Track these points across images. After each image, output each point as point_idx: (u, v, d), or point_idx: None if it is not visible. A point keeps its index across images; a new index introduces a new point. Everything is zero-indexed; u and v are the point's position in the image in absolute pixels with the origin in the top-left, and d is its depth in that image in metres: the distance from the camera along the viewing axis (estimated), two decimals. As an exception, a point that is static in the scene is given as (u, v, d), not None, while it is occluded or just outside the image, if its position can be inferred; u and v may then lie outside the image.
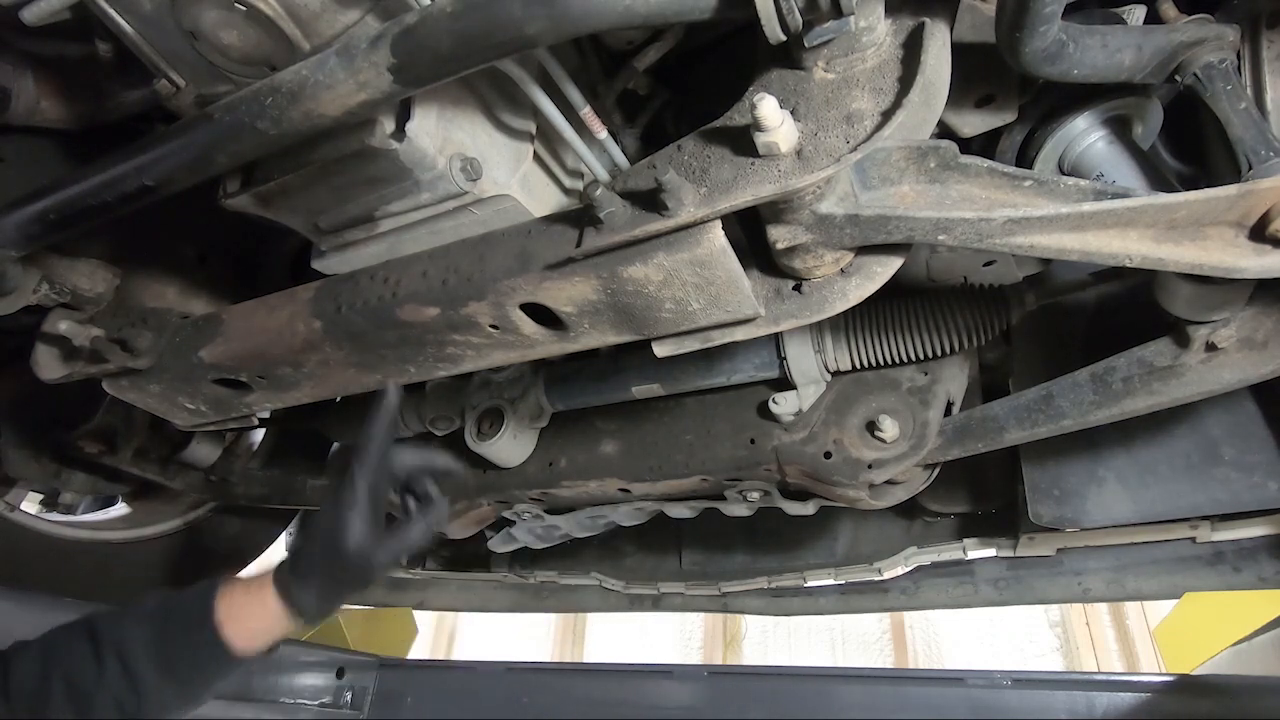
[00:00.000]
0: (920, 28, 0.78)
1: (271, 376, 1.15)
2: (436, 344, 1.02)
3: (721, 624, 4.22)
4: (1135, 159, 1.06)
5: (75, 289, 1.33)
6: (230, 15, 0.84)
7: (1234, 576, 1.54)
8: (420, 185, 0.97)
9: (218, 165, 0.91)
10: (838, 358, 1.17)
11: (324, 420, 1.71)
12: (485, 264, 0.93)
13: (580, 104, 0.92)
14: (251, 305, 1.14)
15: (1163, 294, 0.91)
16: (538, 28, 0.71)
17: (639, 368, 1.30)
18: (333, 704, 2.12)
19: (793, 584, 2.00)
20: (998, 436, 1.09)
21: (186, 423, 1.31)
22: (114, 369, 1.20)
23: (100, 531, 2.02)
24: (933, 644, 3.85)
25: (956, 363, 1.17)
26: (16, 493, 1.89)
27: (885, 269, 0.87)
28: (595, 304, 0.89)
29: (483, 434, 1.39)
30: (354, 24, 0.86)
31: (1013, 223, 0.76)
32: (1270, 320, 0.90)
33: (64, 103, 1.28)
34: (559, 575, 2.25)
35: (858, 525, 1.92)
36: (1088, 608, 3.59)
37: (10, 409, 1.85)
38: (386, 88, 0.77)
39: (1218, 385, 0.94)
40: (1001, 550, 1.76)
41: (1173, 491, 1.32)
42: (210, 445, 1.92)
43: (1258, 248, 0.75)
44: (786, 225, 0.81)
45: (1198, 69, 0.91)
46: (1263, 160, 0.88)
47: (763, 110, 0.71)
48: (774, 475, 1.25)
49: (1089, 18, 0.98)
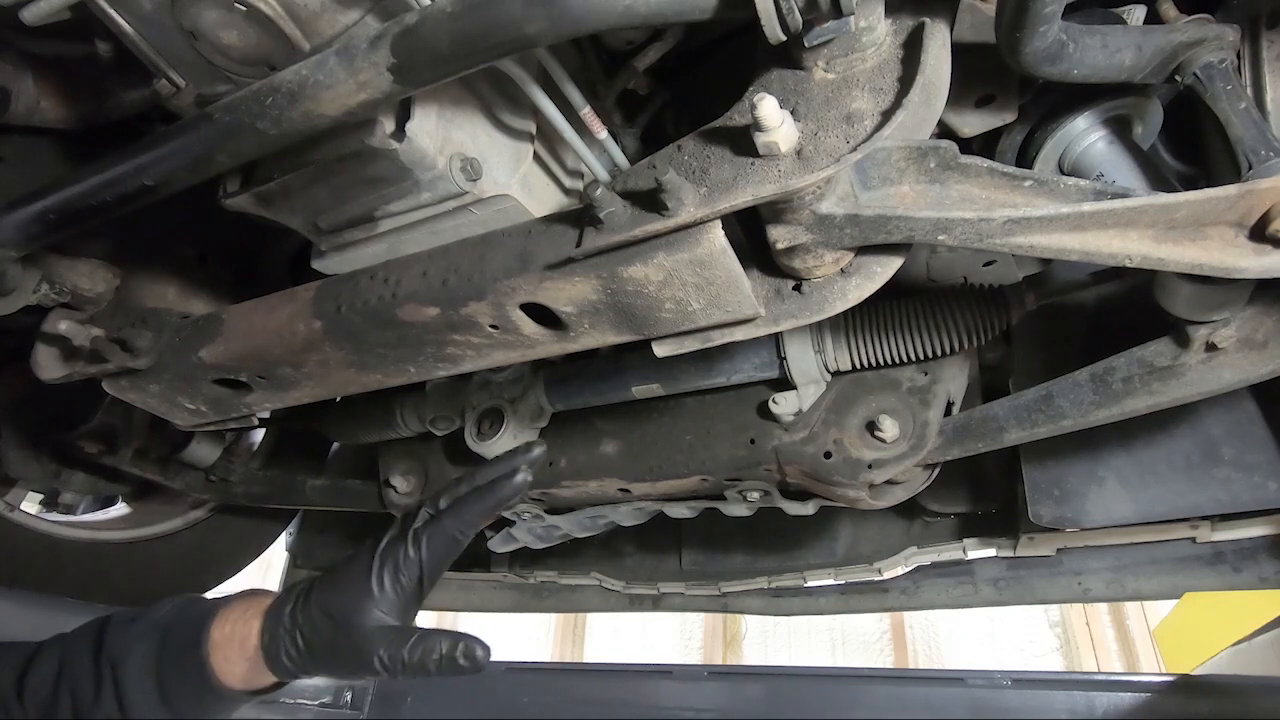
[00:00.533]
0: (920, 28, 0.78)
1: (271, 376, 1.15)
2: (436, 344, 1.02)
3: (721, 624, 4.22)
4: (1135, 159, 1.06)
5: (75, 289, 1.33)
6: (230, 15, 0.84)
7: (1234, 576, 1.54)
8: (420, 185, 0.97)
9: (218, 165, 0.91)
10: (838, 358, 1.17)
11: (324, 420, 1.71)
12: (485, 264, 0.93)
13: (580, 104, 0.92)
14: (251, 305, 1.14)
15: (1163, 294, 0.91)
16: (538, 28, 0.71)
17: (639, 368, 1.29)
18: (333, 704, 2.12)
19: (793, 584, 1.99)
20: (998, 436, 1.08)
21: (186, 423, 1.31)
22: (114, 369, 1.20)
23: (100, 531, 2.02)
24: (933, 644, 3.85)
25: (956, 363, 1.17)
26: (16, 493, 1.89)
27: (885, 269, 0.87)
28: (595, 304, 0.89)
29: (483, 434, 1.39)
30: (354, 24, 0.86)
31: (1013, 223, 0.76)
32: (1270, 320, 0.90)
33: (64, 103, 1.28)
34: (559, 575, 2.24)
35: (858, 525, 1.92)
36: (1088, 608, 3.59)
37: (10, 409, 1.85)
38: (386, 88, 0.77)
39: (1218, 385, 0.94)
40: (1001, 550, 1.76)
41: (1173, 491, 1.32)
42: (210, 445, 1.92)
43: (1258, 248, 0.75)
44: (786, 225, 0.81)
45: (1198, 69, 0.91)
46: (1263, 160, 0.88)
47: (763, 110, 0.71)
48: (774, 475, 1.25)
49: (1089, 18, 0.98)
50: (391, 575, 0.85)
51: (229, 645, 0.86)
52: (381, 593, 0.84)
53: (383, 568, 0.85)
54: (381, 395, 1.48)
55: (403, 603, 0.85)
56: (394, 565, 0.85)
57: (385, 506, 1.64)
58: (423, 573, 0.86)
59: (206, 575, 2.25)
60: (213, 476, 1.90)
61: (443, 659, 0.80)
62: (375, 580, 0.85)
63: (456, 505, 0.90)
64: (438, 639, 0.81)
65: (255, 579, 3.15)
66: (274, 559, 2.61)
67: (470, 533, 0.89)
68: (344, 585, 0.86)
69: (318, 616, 0.85)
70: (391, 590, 0.85)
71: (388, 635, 0.82)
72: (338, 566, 0.89)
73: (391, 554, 0.86)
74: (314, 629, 0.84)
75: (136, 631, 0.89)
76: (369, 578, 0.85)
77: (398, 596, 0.85)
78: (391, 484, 1.60)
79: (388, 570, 0.85)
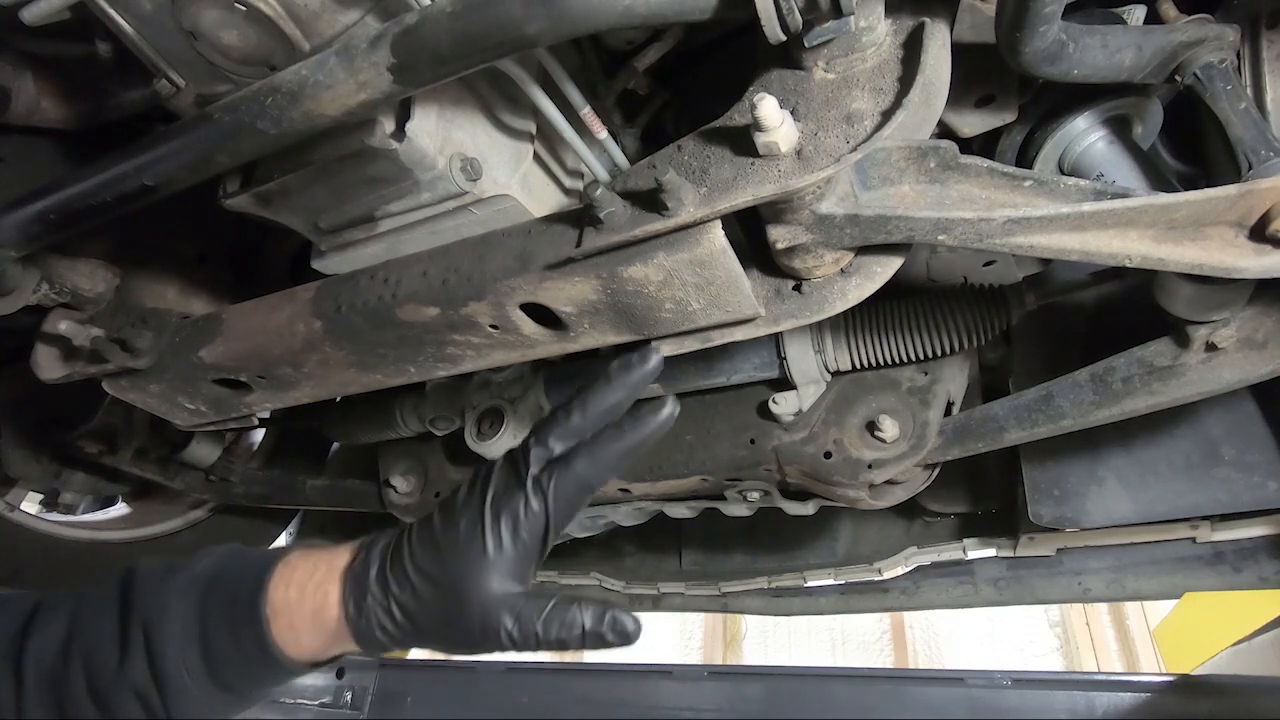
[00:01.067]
0: (920, 28, 0.78)
1: (271, 376, 1.15)
2: (436, 344, 1.02)
3: (721, 624, 4.22)
4: (1135, 159, 1.06)
5: (75, 289, 1.33)
6: (230, 15, 0.84)
7: (1234, 576, 1.54)
8: (420, 185, 0.97)
9: (218, 165, 0.91)
10: (838, 358, 1.17)
11: (324, 420, 1.71)
12: (485, 264, 0.93)
13: (580, 104, 0.92)
14: (251, 305, 1.14)
15: (1163, 294, 0.91)
16: (538, 28, 0.71)
17: (639, 368, 1.29)
18: (333, 704, 2.12)
19: (793, 584, 1.99)
20: (998, 436, 1.08)
21: (186, 423, 1.31)
22: (114, 369, 1.19)
23: (100, 531, 2.02)
24: (933, 644, 3.85)
25: (956, 363, 1.17)
26: (16, 493, 1.89)
27: (885, 269, 0.87)
28: (595, 304, 0.89)
29: (483, 434, 1.39)
30: (354, 24, 0.86)
31: (1013, 223, 0.76)
32: (1270, 320, 0.90)
33: (64, 103, 1.28)
34: (559, 575, 2.25)
35: (858, 525, 1.92)
36: (1088, 608, 3.59)
37: (10, 409, 1.85)
38: (386, 88, 0.77)
39: (1218, 385, 0.94)
40: (1001, 550, 1.76)
41: (1173, 491, 1.32)
42: (210, 445, 1.92)
43: (1258, 248, 0.75)
44: (786, 225, 0.81)
45: (1198, 69, 0.91)
46: (1263, 160, 0.88)
47: (763, 110, 0.71)
48: (774, 475, 1.25)
49: (1089, 18, 0.98)
50: (510, 530, 0.71)
51: (296, 612, 0.73)
52: (500, 551, 0.70)
53: (498, 521, 0.71)
54: (381, 395, 1.48)
55: (523, 563, 0.72)
56: (512, 518, 0.71)
57: (385, 507, 1.64)
58: (548, 527, 0.72)
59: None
60: (213, 476, 1.90)
61: (586, 633, 0.69)
62: (491, 536, 0.71)
63: (592, 446, 0.75)
64: (578, 609, 0.69)
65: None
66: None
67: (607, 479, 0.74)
68: (448, 542, 0.72)
69: (418, 581, 0.71)
70: (511, 548, 0.71)
71: (514, 603, 0.69)
72: (432, 520, 0.75)
73: (508, 504, 0.72)
74: (415, 596, 0.71)
75: (174, 587, 0.75)
76: (482, 533, 0.71)
77: (517, 555, 0.71)
78: (391, 484, 1.60)
79: (504, 524, 0.71)
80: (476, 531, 0.71)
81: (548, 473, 0.73)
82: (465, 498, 0.75)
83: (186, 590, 0.75)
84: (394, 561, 0.74)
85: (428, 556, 0.72)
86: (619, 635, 0.70)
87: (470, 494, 0.75)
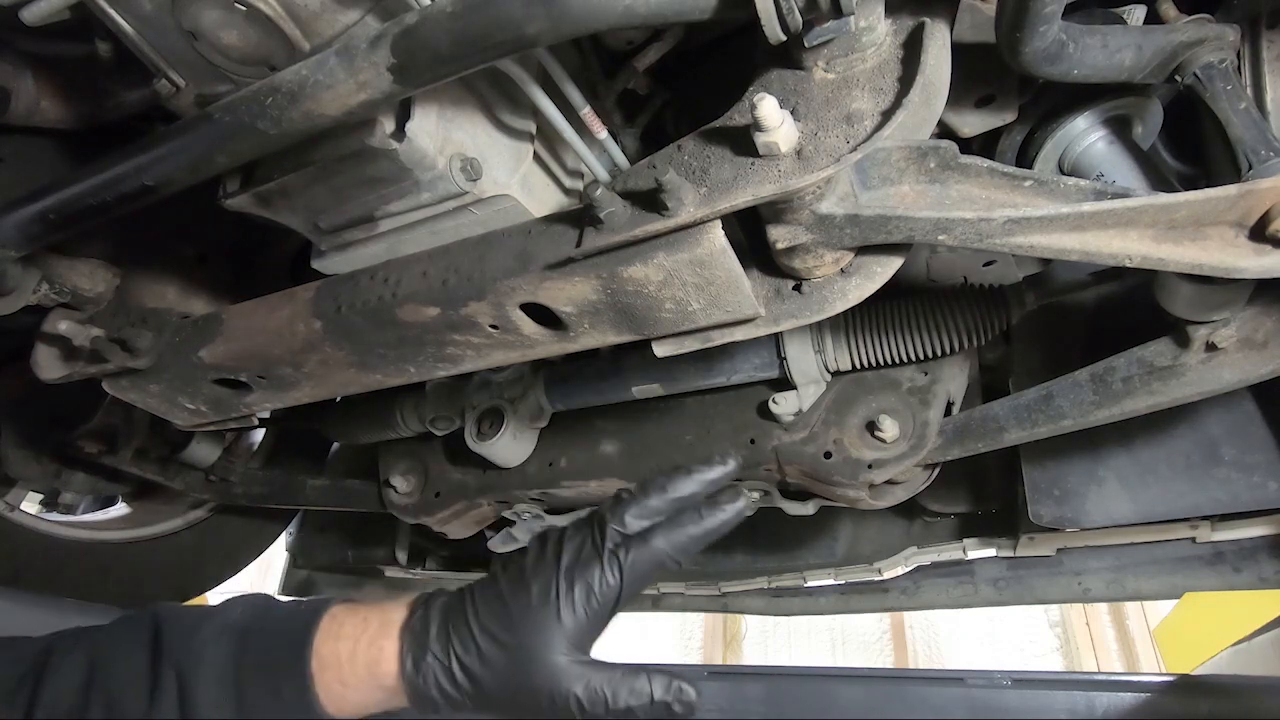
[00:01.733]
0: (920, 28, 0.78)
1: (271, 376, 1.15)
2: (436, 344, 1.02)
3: (721, 624, 4.22)
4: (1135, 159, 1.06)
5: (75, 289, 1.33)
6: (230, 15, 0.84)
7: (1234, 576, 1.54)
8: (420, 185, 0.97)
9: (218, 165, 0.91)
10: (838, 358, 1.17)
11: (324, 420, 1.71)
12: (485, 264, 0.93)
13: (580, 104, 0.92)
14: (251, 305, 1.14)
15: (1163, 294, 0.91)
16: (538, 28, 0.71)
17: (639, 368, 1.29)
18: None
19: (793, 584, 1.99)
20: (998, 436, 1.08)
21: (186, 423, 1.31)
22: (114, 369, 1.19)
23: (100, 531, 2.02)
24: (933, 644, 3.85)
25: (956, 363, 1.17)
26: (16, 493, 1.89)
27: (885, 269, 0.87)
28: (595, 304, 0.89)
29: (483, 434, 1.39)
30: (354, 24, 0.86)
31: (1013, 223, 0.76)
32: (1270, 320, 0.90)
33: (64, 103, 1.28)
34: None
35: (858, 525, 1.92)
36: (1088, 608, 3.59)
37: (10, 409, 1.85)
38: (386, 88, 0.77)
39: (1218, 385, 0.94)
40: (1001, 550, 1.76)
41: (1173, 491, 1.32)
42: (210, 445, 1.92)
43: (1258, 248, 0.75)
44: (786, 225, 0.81)
45: (1198, 69, 0.91)
46: (1263, 160, 0.88)
47: (763, 110, 0.71)
48: (774, 475, 1.25)
49: (1089, 18, 0.98)
50: (584, 599, 0.71)
51: (348, 668, 0.72)
52: (574, 620, 0.71)
53: (572, 589, 0.72)
54: (381, 395, 1.48)
55: (591, 633, 0.73)
56: (586, 588, 0.72)
57: (385, 507, 1.64)
58: (619, 600, 0.73)
59: (206, 575, 2.26)
60: (213, 476, 1.90)
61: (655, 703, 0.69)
62: (565, 604, 0.71)
63: (670, 527, 0.77)
64: (646, 679, 0.70)
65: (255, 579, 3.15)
66: (274, 559, 2.61)
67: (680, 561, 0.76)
68: (518, 606, 0.72)
69: (484, 643, 0.71)
70: (584, 617, 0.71)
71: (584, 673, 0.70)
72: (499, 580, 0.75)
73: (583, 575, 0.73)
74: (480, 658, 0.70)
75: (207, 634, 0.74)
76: (556, 600, 0.71)
77: (588, 625, 0.72)
78: (391, 484, 1.60)
79: (579, 592, 0.71)
80: (550, 598, 0.71)
81: (624, 547, 0.74)
82: (535, 562, 0.75)
83: (219, 638, 0.74)
84: (456, 621, 0.73)
85: (495, 619, 0.72)
86: (685, 706, 0.71)
87: (541, 559, 0.75)
